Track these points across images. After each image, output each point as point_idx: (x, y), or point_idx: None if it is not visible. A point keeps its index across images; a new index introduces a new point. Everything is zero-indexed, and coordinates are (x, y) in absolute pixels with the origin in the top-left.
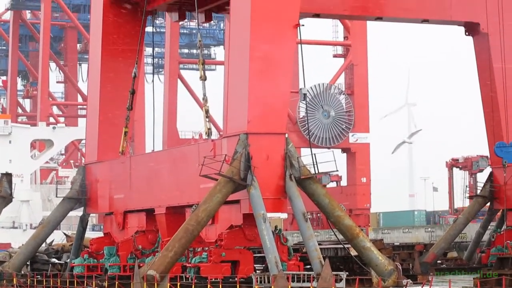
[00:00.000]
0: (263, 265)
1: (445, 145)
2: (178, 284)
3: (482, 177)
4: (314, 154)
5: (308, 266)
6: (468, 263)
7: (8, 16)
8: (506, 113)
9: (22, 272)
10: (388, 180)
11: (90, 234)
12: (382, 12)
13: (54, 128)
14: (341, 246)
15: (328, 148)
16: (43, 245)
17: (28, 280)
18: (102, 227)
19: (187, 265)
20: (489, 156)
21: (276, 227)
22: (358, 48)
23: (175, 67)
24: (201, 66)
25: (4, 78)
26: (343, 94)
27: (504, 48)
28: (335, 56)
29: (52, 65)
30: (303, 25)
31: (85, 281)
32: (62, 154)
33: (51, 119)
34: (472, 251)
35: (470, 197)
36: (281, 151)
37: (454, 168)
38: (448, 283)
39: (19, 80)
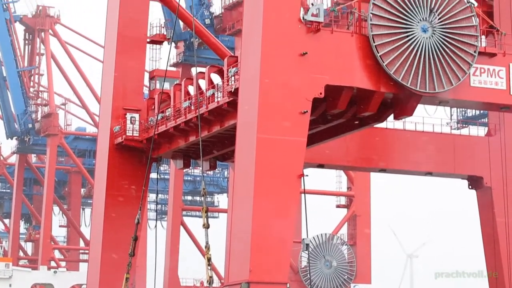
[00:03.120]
0: None
1: None
2: None
3: None
4: None
5: None
6: None
7: (14, 159)
8: (509, 268)
9: None
10: None
11: None
12: (386, 164)
13: (55, 272)
14: None
15: None
16: None
17: None
18: None
19: None
20: None
21: None
22: (361, 199)
23: (178, 214)
24: (204, 214)
25: (7, 221)
26: (346, 244)
27: (507, 203)
28: (338, 206)
29: (56, 208)
30: (307, 175)
31: None
32: None
33: (53, 263)
34: None
35: None
36: None
37: None
38: None
39: (22, 223)
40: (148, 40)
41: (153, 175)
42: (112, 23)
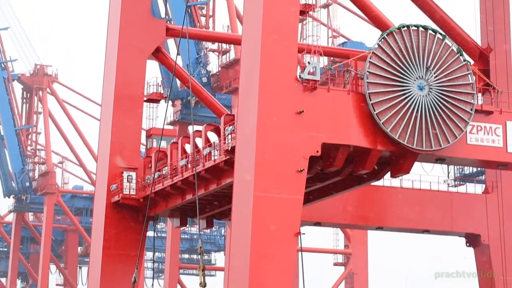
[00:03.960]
0: None
1: None
2: None
3: None
4: None
5: None
6: None
7: (11, 218)
8: None
9: None
10: None
11: None
12: (382, 222)
13: None
14: None
15: None
16: None
17: None
18: None
19: None
20: None
21: None
22: (359, 257)
23: (175, 272)
24: (201, 272)
25: (3, 280)
26: None
27: (506, 260)
28: (335, 264)
29: (52, 267)
30: (303, 234)
31: None
32: None
33: None
34: None
35: None
36: None
37: None
38: None
39: (18, 282)
40: (145, 98)
41: (150, 233)
42: (109, 82)
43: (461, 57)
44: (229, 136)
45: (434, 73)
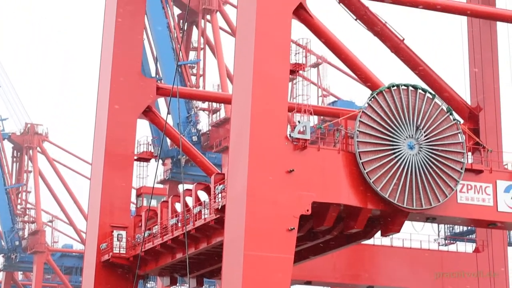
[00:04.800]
0: None
1: None
2: None
3: None
4: None
5: None
6: None
7: (0, 276)
8: None
9: None
10: None
11: None
12: (373, 280)
13: None
14: None
15: None
16: None
17: None
18: None
19: None
20: None
21: None
22: None
23: None
24: None
25: None
26: None
27: None
28: None
29: None
30: None
31: None
32: None
33: None
34: None
35: None
36: None
37: None
38: None
39: None
40: (135, 157)
41: None
42: (99, 140)
43: (451, 116)
44: (220, 195)
45: (424, 132)
